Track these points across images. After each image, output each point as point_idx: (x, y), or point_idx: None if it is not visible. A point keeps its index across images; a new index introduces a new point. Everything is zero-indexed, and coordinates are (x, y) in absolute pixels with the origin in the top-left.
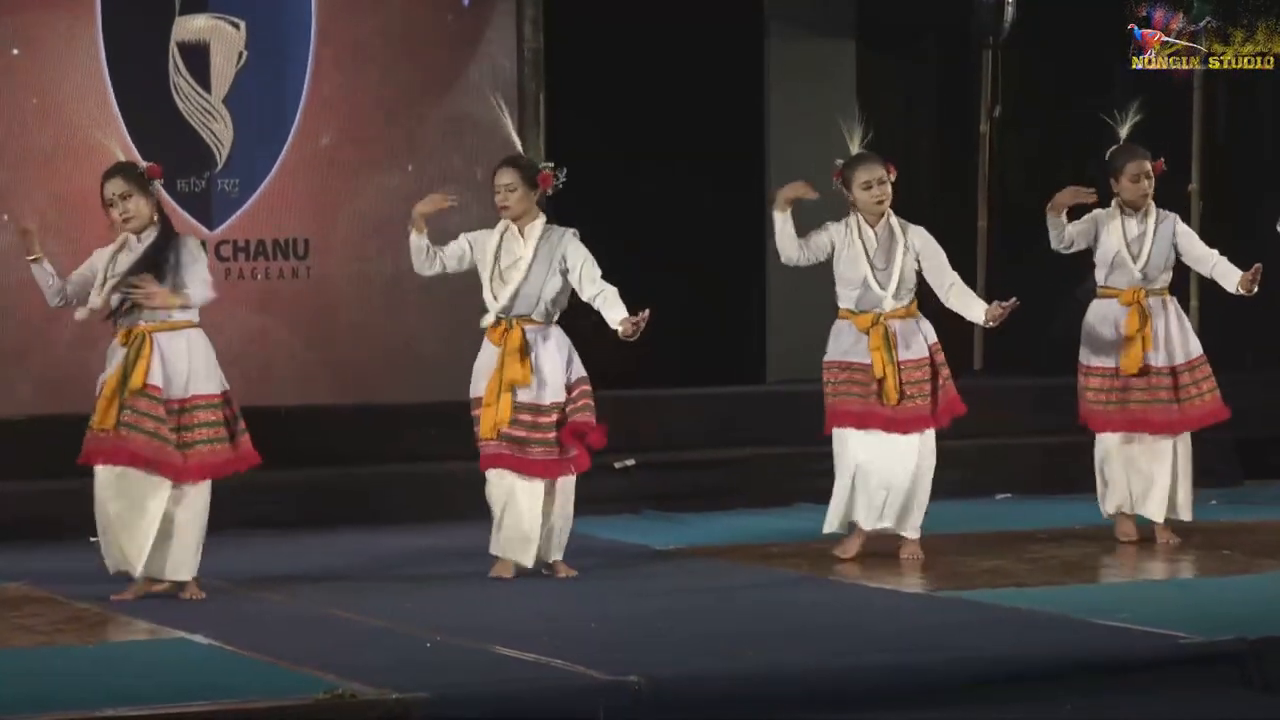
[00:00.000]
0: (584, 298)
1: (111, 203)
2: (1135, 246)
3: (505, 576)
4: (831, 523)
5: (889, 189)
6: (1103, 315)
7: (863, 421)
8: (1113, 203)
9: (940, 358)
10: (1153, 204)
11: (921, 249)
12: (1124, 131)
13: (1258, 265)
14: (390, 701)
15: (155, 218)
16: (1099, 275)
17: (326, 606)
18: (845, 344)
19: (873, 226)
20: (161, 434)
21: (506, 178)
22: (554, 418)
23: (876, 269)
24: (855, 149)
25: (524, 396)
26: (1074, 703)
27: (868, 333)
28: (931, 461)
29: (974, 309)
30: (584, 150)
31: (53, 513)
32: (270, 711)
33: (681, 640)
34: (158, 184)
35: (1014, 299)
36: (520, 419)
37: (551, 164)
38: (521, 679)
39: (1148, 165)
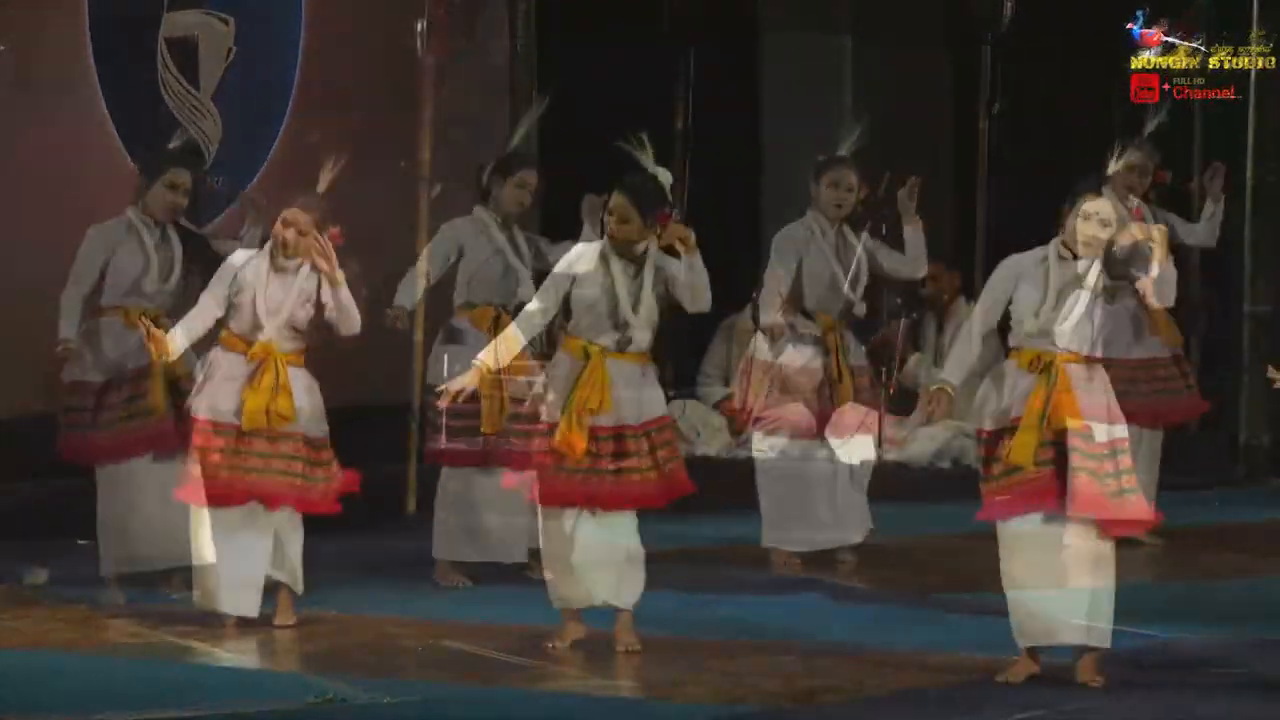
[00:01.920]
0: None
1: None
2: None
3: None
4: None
5: (852, 198)
6: None
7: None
8: None
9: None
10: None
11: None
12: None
13: None
14: (381, 706)
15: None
16: None
17: (316, 609)
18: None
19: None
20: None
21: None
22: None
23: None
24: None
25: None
26: (1071, 703)
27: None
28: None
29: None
30: (575, 146)
31: (47, 514)
32: (260, 716)
33: (675, 645)
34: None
35: None
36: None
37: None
38: (514, 684)
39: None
